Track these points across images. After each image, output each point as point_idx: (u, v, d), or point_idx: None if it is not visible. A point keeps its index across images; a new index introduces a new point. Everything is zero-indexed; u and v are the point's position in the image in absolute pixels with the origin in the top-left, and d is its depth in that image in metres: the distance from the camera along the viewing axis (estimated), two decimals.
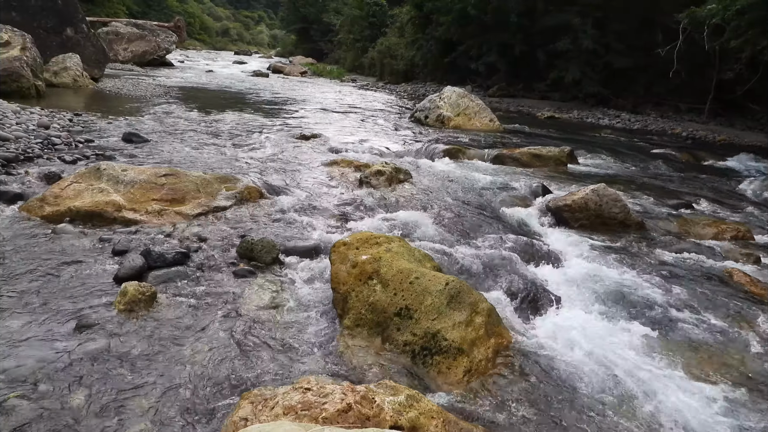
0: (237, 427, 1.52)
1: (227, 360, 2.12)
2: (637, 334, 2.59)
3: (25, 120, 5.74)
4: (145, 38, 19.81)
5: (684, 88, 14.33)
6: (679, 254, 3.76)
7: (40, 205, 3.37)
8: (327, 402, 1.56)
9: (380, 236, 2.85)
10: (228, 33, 73.66)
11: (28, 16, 10.30)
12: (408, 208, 4.18)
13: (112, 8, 33.31)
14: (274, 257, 3.03)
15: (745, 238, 4.22)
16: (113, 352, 2.08)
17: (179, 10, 49.44)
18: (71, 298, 2.44)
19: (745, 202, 5.79)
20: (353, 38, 32.32)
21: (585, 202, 4.18)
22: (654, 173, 7.11)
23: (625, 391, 2.14)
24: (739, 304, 3.00)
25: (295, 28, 48.87)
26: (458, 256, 3.25)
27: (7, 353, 1.99)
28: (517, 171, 6.21)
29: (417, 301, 2.33)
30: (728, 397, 2.18)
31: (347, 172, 5.27)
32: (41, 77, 8.66)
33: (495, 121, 10.08)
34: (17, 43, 8.25)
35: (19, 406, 1.73)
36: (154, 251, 2.85)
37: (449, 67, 20.55)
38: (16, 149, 4.54)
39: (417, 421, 1.62)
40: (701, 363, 2.42)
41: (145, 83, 12.83)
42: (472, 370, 2.17)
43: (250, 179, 4.35)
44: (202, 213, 3.63)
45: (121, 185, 3.65)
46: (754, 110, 13.28)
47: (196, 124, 7.32)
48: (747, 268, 3.55)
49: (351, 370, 2.14)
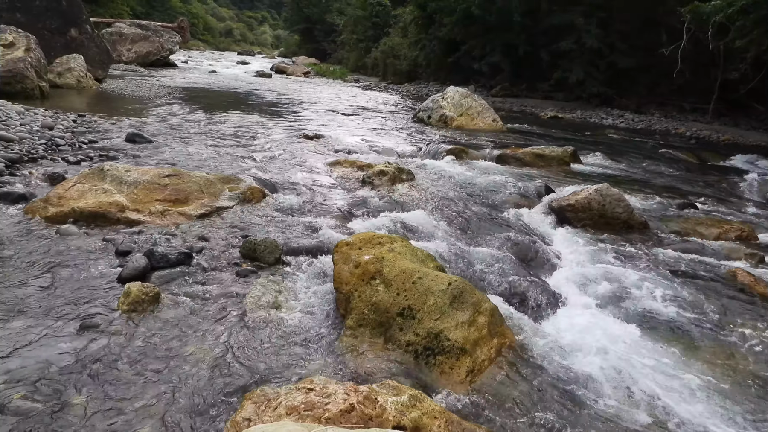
0: (240, 428, 1.52)
1: (230, 360, 2.12)
2: (640, 334, 2.59)
3: (29, 121, 5.77)
4: (148, 39, 19.87)
5: (688, 88, 14.28)
6: (683, 254, 3.75)
7: (43, 206, 3.38)
8: (330, 402, 1.56)
9: (383, 236, 2.85)
10: (231, 33, 73.80)
11: (33, 17, 10.34)
12: (411, 208, 4.17)
13: (116, 9, 33.42)
14: (277, 257, 3.03)
15: (749, 238, 4.20)
16: (117, 352, 2.09)
17: (183, 11, 49.57)
18: (75, 298, 2.45)
19: (749, 202, 5.77)
20: (356, 38, 32.34)
21: (588, 202, 4.16)
22: (658, 173, 7.08)
23: (628, 391, 2.14)
24: (743, 304, 2.98)
25: (298, 28, 48.93)
26: (461, 256, 3.25)
27: (11, 354, 1.99)
28: (520, 171, 6.20)
29: (420, 301, 2.33)
30: (733, 398, 2.17)
31: (350, 172, 5.28)
32: (45, 78, 8.70)
33: (498, 121, 10.07)
34: (21, 44, 8.29)
35: (22, 406, 1.74)
36: (158, 252, 2.86)
37: (452, 67, 20.53)
38: (20, 150, 4.56)
39: (420, 422, 1.62)
40: (705, 363, 2.41)
41: (149, 84, 12.86)
42: (475, 370, 2.17)
43: (253, 180, 4.35)
44: (205, 213, 3.64)
45: (124, 186, 3.66)
46: (759, 110, 13.22)
47: (199, 125, 7.34)
48: (751, 268, 3.54)
49: (354, 370, 2.14)
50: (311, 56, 38.70)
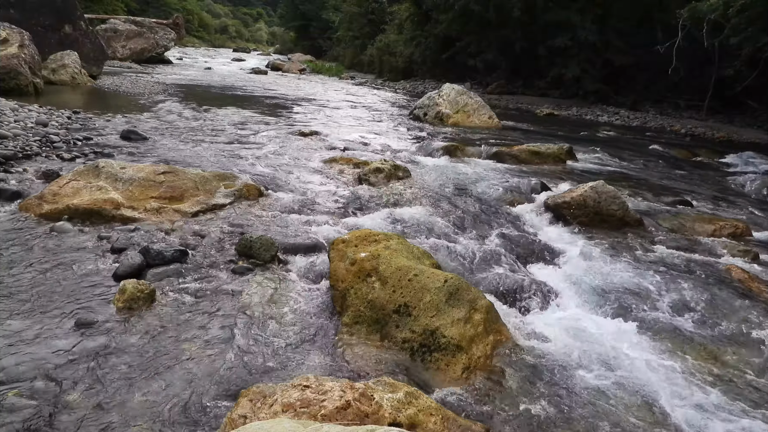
0: (236, 425, 1.53)
1: (226, 357, 2.12)
2: (635, 330, 2.60)
3: (24, 118, 5.73)
4: (143, 35, 19.76)
5: (683, 86, 14.34)
6: (677, 251, 3.76)
7: (38, 203, 3.36)
8: (326, 399, 1.56)
9: (379, 233, 2.85)
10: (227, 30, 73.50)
11: (27, 14, 10.25)
12: (407, 206, 4.17)
13: (111, 5, 33.19)
14: (273, 255, 3.03)
15: (743, 234, 4.22)
16: (112, 349, 2.08)
17: (178, 7, 49.26)
18: (70, 296, 2.44)
19: (743, 199, 5.79)
20: (352, 35, 32.27)
21: (584, 199, 4.18)
22: (653, 170, 7.11)
23: (623, 387, 2.15)
24: (738, 300, 3.00)
25: (293, 25, 48.82)
26: (457, 254, 3.25)
27: (6, 351, 1.98)
28: (516, 168, 6.21)
29: (416, 298, 2.34)
30: (726, 395, 2.18)
31: (346, 169, 5.27)
32: (39, 75, 8.63)
33: (494, 119, 10.08)
34: (15, 40, 8.22)
35: (17, 403, 1.73)
36: (153, 249, 2.85)
37: (448, 64, 20.53)
38: (15, 147, 4.53)
39: (416, 418, 1.62)
40: (699, 360, 2.42)
41: (144, 81, 12.80)
42: (471, 366, 2.18)
43: (249, 177, 4.34)
44: (200, 211, 3.63)
45: (119, 183, 3.64)
46: (753, 107, 13.30)
47: (194, 122, 7.31)
48: (746, 265, 3.56)
49: (350, 367, 2.14)
50: (307, 53, 38.62)
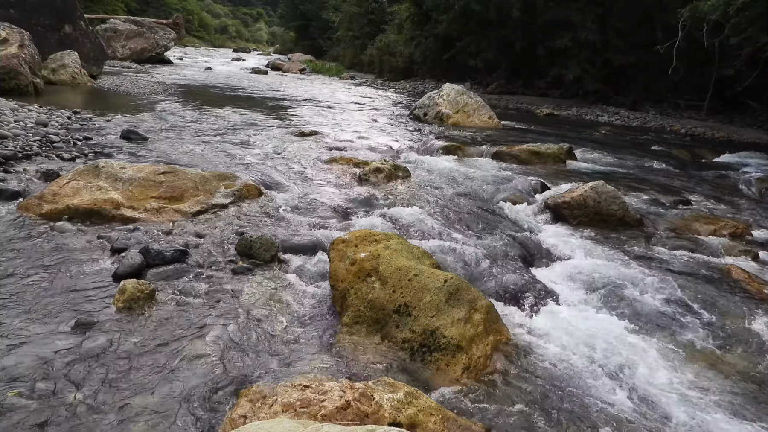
0: (236, 425, 1.53)
1: (226, 357, 2.12)
2: (635, 331, 2.60)
3: (24, 118, 5.73)
4: (143, 35, 19.76)
5: (683, 86, 14.34)
6: (677, 251, 3.77)
7: (38, 203, 3.36)
8: (326, 399, 1.56)
9: (379, 233, 2.85)
10: (227, 30, 73.55)
11: (26, 13, 10.25)
12: (407, 206, 4.17)
13: (111, 5, 33.22)
14: (273, 255, 3.03)
15: (743, 234, 4.22)
16: (112, 349, 2.08)
17: (178, 7, 49.32)
18: (70, 296, 2.44)
19: (743, 199, 5.79)
20: (352, 35, 32.24)
21: (584, 199, 4.18)
22: (653, 170, 7.10)
23: (623, 387, 2.15)
24: (738, 300, 3.00)
25: (293, 25, 48.80)
26: (457, 254, 3.25)
27: (6, 351, 1.98)
28: (516, 168, 6.20)
29: (416, 298, 2.33)
30: (726, 395, 2.18)
31: (346, 169, 5.27)
32: (39, 74, 8.63)
33: (494, 118, 10.08)
34: (15, 40, 8.21)
35: (17, 404, 1.73)
36: (153, 249, 2.85)
37: (448, 64, 20.50)
38: (15, 147, 4.53)
39: (416, 418, 1.62)
40: (699, 360, 2.42)
41: (144, 80, 12.79)
42: (471, 367, 2.17)
43: (249, 177, 4.35)
44: (200, 211, 3.63)
45: (119, 183, 3.64)
46: (753, 107, 13.29)
47: (194, 122, 7.31)
48: (746, 265, 3.56)
49: (350, 367, 2.14)
50: (307, 53, 38.61)
